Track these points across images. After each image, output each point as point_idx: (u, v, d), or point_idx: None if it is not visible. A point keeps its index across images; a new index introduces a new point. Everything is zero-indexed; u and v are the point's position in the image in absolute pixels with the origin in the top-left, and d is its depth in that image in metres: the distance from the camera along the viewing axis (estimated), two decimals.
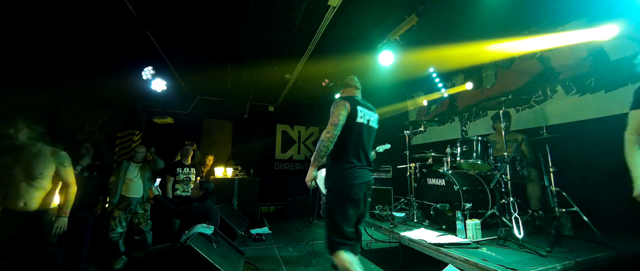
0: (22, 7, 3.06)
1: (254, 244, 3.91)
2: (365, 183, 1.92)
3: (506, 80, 4.23)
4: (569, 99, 3.39)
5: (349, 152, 1.91)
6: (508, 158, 2.64)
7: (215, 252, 2.44)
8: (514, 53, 3.81)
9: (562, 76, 3.48)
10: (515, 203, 2.45)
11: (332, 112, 1.90)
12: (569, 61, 3.41)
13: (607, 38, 2.95)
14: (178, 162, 3.96)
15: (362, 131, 1.96)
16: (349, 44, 3.98)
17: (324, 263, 3.09)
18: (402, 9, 3.18)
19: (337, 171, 1.90)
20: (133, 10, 3.07)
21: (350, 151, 1.91)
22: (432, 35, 3.66)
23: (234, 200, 5.23)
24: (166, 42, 3.94)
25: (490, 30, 3.50)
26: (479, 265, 1.89)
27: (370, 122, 2.04)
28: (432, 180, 3.15)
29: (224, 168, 5.57)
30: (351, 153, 1.91)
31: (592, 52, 3.19)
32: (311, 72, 4.77)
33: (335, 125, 1.86)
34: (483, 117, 4.58)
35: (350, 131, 1.91)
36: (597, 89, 3.13)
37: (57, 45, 3.96)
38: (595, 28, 3.01)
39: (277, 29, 3.60)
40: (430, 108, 5.77)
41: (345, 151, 1.91)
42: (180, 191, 3.80)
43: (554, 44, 3.37)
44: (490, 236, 2.46)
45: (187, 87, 5.88)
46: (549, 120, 3.50)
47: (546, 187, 2.68)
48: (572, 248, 2.19)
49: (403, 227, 2.98)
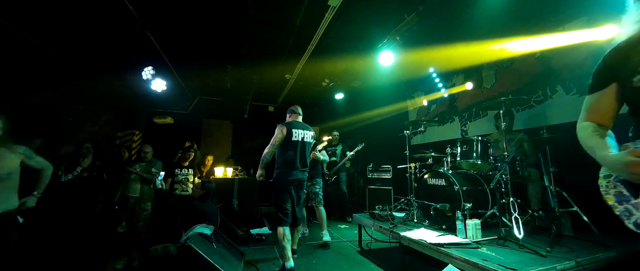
0: (22, 7, 3.07)
1: (254, 244, 3.91)
2: (295, 179, 2.84)
3: (506, 80, 4.23)
4: (569, 99, 3.38)
5: (286, 160, 2.84)
6: (508, 158, 2.64)
7: (215, 252, 2.44)
8: (514, 53, 3.81)
9: (562, 76, 3.48)
10: (515, 203, 2.45)
11: (275, 133, 2.89)
12: (569, 61, 3.41)
13: (607, 38, 2.95)
14: (176, 163, 3.97)
15: (298, 145, 2.88)
16: (349, 44, 3.99)
17: (324, 263, 3.09)
18: (402, 9, 3.19)
19: (277, 172, 2.87)
20: (133, 10, 3.08)
21: (286, 159, 2.84)
22: (432, 35, 3.66)
23: (234, 200, 5.22)
24: (166, 42, 3.94)
25: (490, 30, 3.50)
26: (479, 265, 1.89)
27: (304, 138, 2.96)
28: (432, 180, 3.15)
29: (224, 168, 5.57)
30: (287, 160, 2.83)
31: (592, 52, 3.19)
32: (311, 72, 4.77)
33: (273, 145, 2.86)
34: (483, 117, 4.58)
35: (286, 146, 2.86)
36: None
37: (57, 45, 3.96)
38: (595, 28, 3.01)
39: (277, 29, 3.60)
40: (430, 108, 5.77)
41: (282, 159, 2.85)
42: (178, 191, 3.80)
43: (554, 44, 3.37)
44: (490, 236, 2.45)
45: (187, 87, 5.88)
46: (549, 120, 3.50)
47: (546, 187, 2.68)
48: (572, 248, 2.19)
49: (403, 227, 2.97)
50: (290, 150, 2.85)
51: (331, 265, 3.03)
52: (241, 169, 5.81)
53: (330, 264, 3.06)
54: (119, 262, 3.11)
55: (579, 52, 3.29)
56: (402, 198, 3.88)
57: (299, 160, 2.86)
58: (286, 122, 3.04)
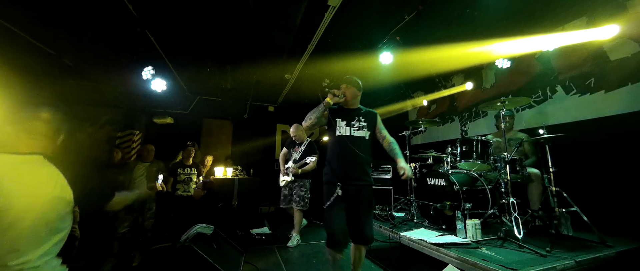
0: (22, 6, 3.06)
1: (253, 244, 3.91)
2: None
3: (506, 80, 4.23)
4: (569, 99, 3.39)
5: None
6: (508, 158, 2.64)
7: (215, 252, 2.44)
8: (514, 53, 3.81)
9: (562, 76, 3.48)
10: (515, 203, 2.45)
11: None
12: (569, 61, 3.41)
13: (607, 38, 2.95)
14: (179, 162, 3.96)
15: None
16: (349, 44, 3.98)
17: (324, 263, 3.09)
18: (402, 9, 3.18)
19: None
20: (133, 10, 3.07)
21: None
22: (432, 35, 3.66)
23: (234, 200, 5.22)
24: (166, 42, 3.94)
25: (490, 30, 3.50)
26: (479, 265, 1.89)
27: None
28: (432, 180, 3.15)
29: (224, 168, 5.56)
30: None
31: (592, 52, 3.19)
32: (311, 72, 4.77)
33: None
34: (483, 117, 4.58)
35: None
36: (597, 89, 3.14)
37: (57, 45, 3.96)
38: (595, 28, 3.01)
39: (277, 29, 3.60)
40: (430, 108, 5.77)
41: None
42: (180, 191, 3.80)
43: (554, 44, 3.37)
44: (490, 236, 2.46)
45: (187, 87, 5.88)
46: (549, 120, 3.50)
47: (546, 187, 2.68)
48: (572, 248, 2.19)
49: (403, 227, 2.98)
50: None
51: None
52: (241, 169, 5.81)
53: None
54: (107, 264, 3.10)
55: (579, 52, 3.29)
56: (402, 198, 3.89)
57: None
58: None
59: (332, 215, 1.95)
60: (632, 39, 2.85)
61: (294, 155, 3.87)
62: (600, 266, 2.00)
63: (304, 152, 3.78)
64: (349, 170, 2.01)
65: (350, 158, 2.01)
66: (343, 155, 2.02)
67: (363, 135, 2.08)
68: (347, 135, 2.05)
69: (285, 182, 3.87)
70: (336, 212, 1.94)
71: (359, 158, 2.01)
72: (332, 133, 2.11)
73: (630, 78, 2.85)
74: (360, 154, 2.01)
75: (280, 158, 4.05)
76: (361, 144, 2.04)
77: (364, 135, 2.08)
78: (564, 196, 2.60)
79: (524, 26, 3.49)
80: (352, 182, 1.98)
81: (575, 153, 3.06)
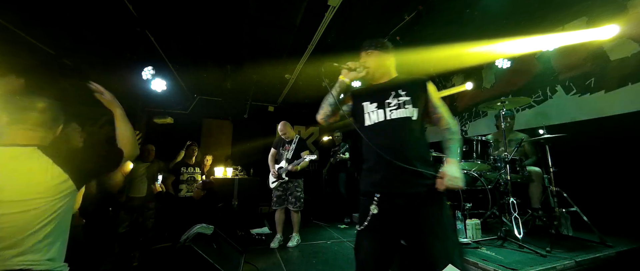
0: (22, 6, 3.06)
1: (253, 244, 3.91)
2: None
3: (506, 80, 4.23)
4: (569, 99, 3.39)
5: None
6: (508, 158, 2.64)
7: (215, 252, 2.44)
8: (514, 53, 3.82)
9: (562, 76, 3.48)
10: (515, 203, 2.45)
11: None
12: (569, 61, 3.41)
13: (607, 38, 2.95)
14: (181, 161, 3.97)
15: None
16: (349, 44, 3.98)
17: (324, 263, 3.09)
18: (402, 9, 3.19)
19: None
20: (133, 10, 3.08)
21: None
22: (432, 35, 3.66)
23: (234, 200, 5.22)
24: (166, 42, 3.94)
25: (490, 30, 3.50)
26: (479, 265, 1.89)
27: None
28: None
29: (224, 168, 5.57)
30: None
31: (592, 52, 3.19)
32: (311, 72, 4.77)
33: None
34: (483, 117, 4.58)
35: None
36: (597, 89, 3.14)
37: (57, 45, 3.96)
38: (595, 28, 3.02)
39: (277, 29, 3.60)
40: None
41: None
42: (184, 191, 3.80)
43: (554, 44, 3.37)
44: (490, 236, 2.46)
45: (187, 87, 5.88)
46: (549, 120, 3.50)
47: (546, 187, 2.68)
48: (572, 248, 2.19)
49: None
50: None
51: (331, 265, 3.03)
52: (241, 169, 5.81)
53: (331, 264, 3.06)
54: (107, 264, 3.09)
55: (579, 52, 3.29)
56: None
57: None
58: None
59: (361, 244, 1.35)
60: (632, 39, 2.85)
61: (286, 153, 3.68)
62: (600, 266, 2.01)
63: (295, 150, 3.66)
64: (390, 174, 1.31)
65: (391, 154, 1.30)
66: (378, 153, 1.34)
67: (407, 114, 1.38)
68: (381, 122, 1.42)
69: (278, 182, 3.75)
70: (368, 242, 1.32)
71: (407, 151, 1.33)
72: (361, 125, 1.49)
73: (630, 78, 2.86)
74: (408, 144, 1.35)
75: (270, 159, 3.85)
76: (407, 129, 1.38)
77: (409, 115, 1.39)
78: (564, 196, 2.61)
79: (524, 26, 3.49)
80: (397, 190, 1.30)
81: (575, 153, 3.06)
